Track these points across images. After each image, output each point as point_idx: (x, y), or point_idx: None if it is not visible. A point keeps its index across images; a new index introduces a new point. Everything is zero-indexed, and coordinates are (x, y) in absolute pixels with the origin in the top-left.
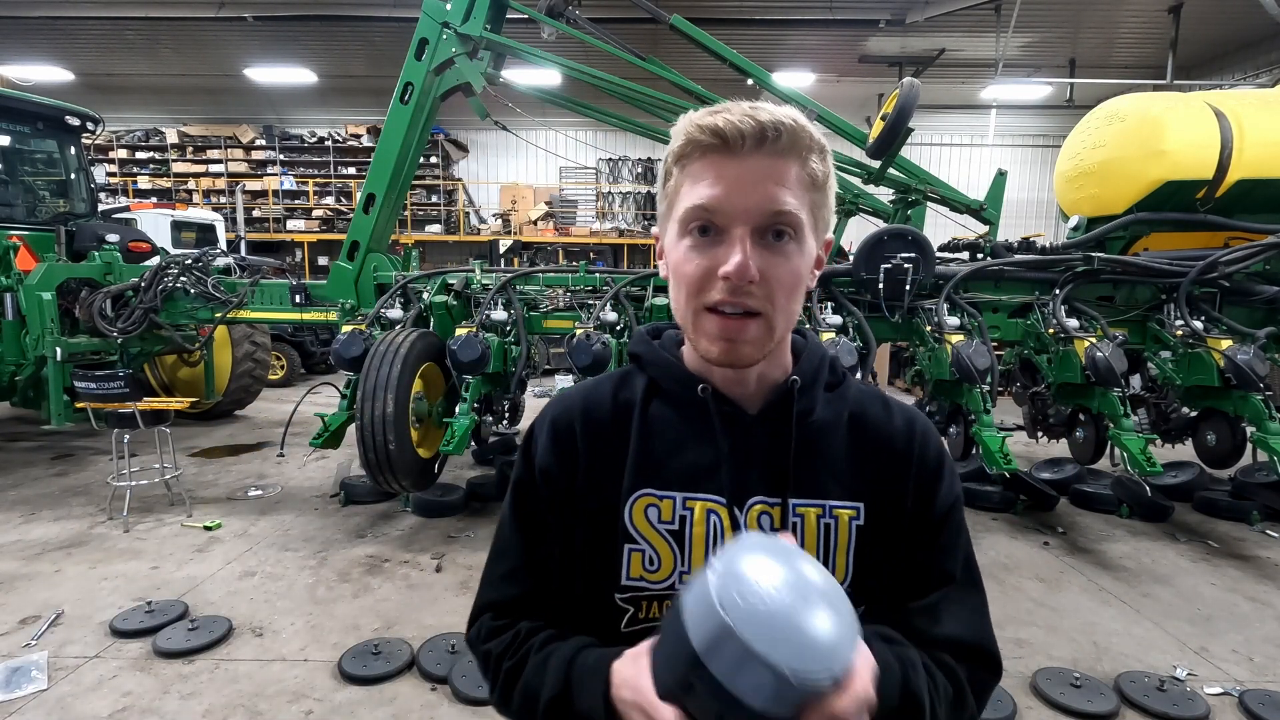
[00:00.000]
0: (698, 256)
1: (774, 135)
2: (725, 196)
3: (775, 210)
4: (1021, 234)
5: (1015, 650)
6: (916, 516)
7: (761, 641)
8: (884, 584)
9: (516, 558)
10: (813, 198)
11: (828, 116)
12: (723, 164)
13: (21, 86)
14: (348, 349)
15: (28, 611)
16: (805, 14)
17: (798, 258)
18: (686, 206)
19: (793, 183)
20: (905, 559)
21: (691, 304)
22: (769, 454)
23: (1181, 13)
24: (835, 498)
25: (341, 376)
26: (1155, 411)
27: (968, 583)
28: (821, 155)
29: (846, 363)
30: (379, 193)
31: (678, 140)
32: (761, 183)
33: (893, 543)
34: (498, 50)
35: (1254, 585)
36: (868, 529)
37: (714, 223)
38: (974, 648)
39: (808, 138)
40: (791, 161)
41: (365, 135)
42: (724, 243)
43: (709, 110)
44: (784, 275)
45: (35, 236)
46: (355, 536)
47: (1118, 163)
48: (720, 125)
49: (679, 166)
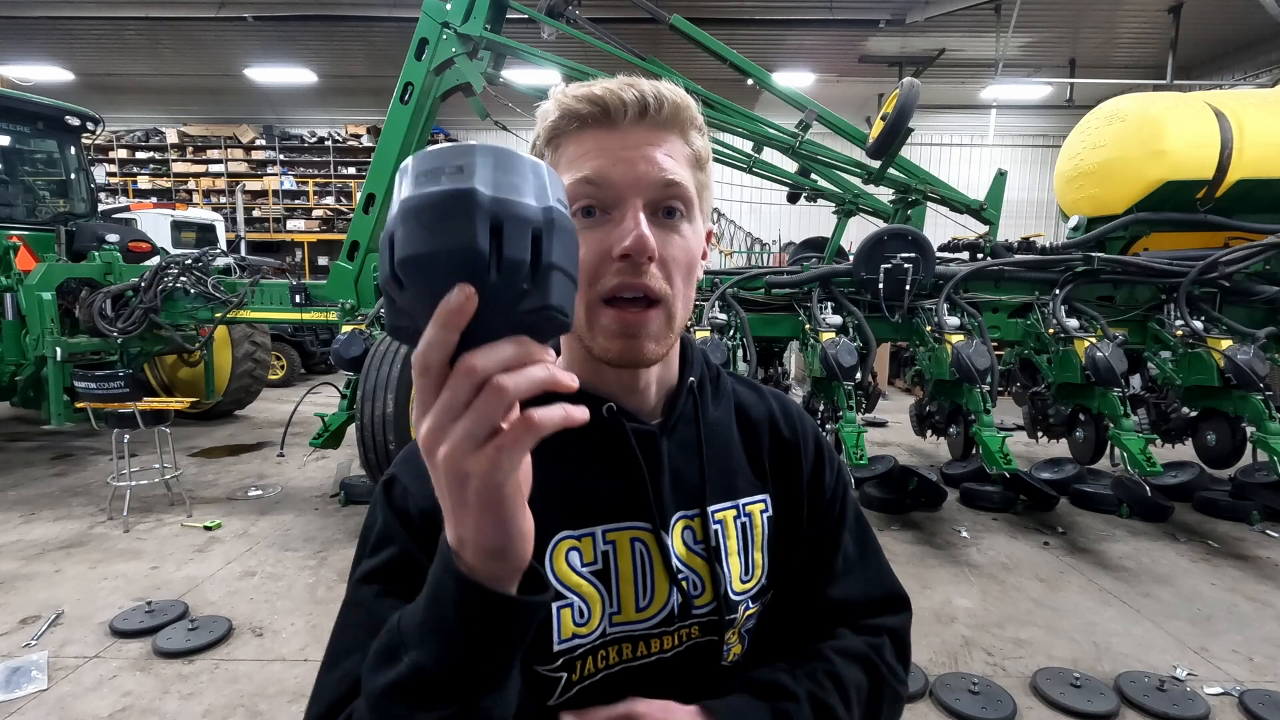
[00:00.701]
0: (585, 242)
1: (656, 106)
2: (611, 167)
3: (667, 180)
4: (1021, 234)
5: (1015, 650)
6: (812, 498)
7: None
8: (792, 569)
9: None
10: (698, 177)
11: (828, 116)
12: (604, 136)
13: (21, 86)
14: (348, 349)
15: (28, 611)
16: (805, 14)
17: (692, 236)
18: (567, 184)
19: (679, 156)
20: (808, 540)
21: (585, 297)
22: (679, 465)
23: (1181, 13)
24: (745, 495)
25: (341, 376)
26: (1155, 411)
27: (861, 539)
28: (701, 133)
29: (847, 362)
30: (379, 193)
31: (549, 117)
32: (647, 152)
33: (796, 527)
34: (498, 50)
35: (1254, 585)
36: (776, 519)
37: (601, 199)
38: (876, 600)
39: (690, 112)
40: (675, 135)
41: (365, 135)
42: (614, 221)
43: (581, 83)
44: (679, 254)
45: (35, 236)
46: (355, 536)
47: (1118, 163)
48: (599, 94)
49: (551, 147)
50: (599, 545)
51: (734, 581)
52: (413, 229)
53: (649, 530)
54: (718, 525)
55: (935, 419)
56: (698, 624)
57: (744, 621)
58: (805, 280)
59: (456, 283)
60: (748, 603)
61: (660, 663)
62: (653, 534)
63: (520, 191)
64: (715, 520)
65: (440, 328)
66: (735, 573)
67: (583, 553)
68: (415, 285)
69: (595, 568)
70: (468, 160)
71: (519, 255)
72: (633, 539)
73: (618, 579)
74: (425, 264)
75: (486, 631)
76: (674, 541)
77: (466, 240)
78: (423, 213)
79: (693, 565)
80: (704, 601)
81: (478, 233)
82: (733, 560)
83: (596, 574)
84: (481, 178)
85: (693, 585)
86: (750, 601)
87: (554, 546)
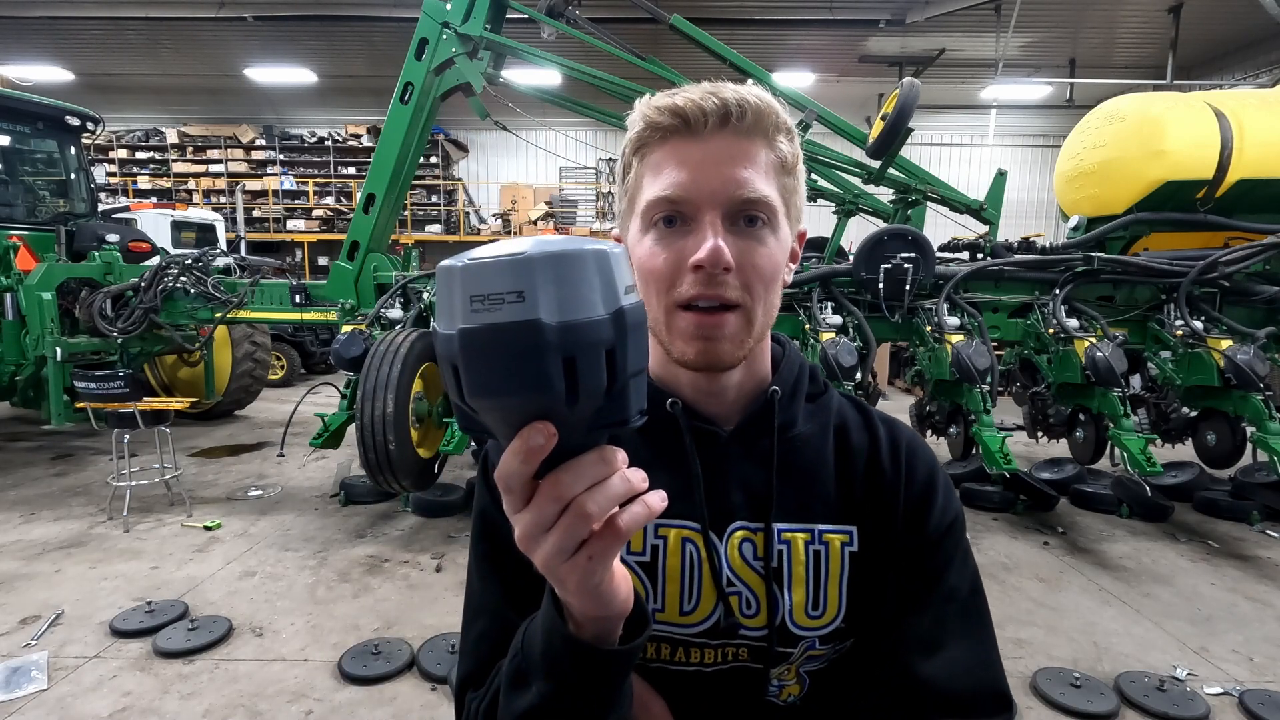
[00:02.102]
0: (664, 250)
1: (739, 114)
2: (690, 182)
3: (744, 196)
4: (1021, 234)
5: (1015, 650)
6: (908, 536)
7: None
8: (878, 617)
9: (488, 614)
10: (783, 182)
11: (828, 116)
12: (685, 148)
13: (21, 86)
14: (348, 349)
15: (28, 611)
16: (805, 14)
17: (774, 244)
18: (649, 199)
19: (761, 165)
20: (896, 588)
21: (662, 302)
22: (748, 474)
23: (1181, 13)
24: (824, 521)
25: (341, 376)
26: (1155, 411)
27: (972, 612)
28: (790, 136)
29: (846, 363)
30: (379, 193)
31: (635, 127)
32: (727, 165)
33: (886, 572)
34: (498, 50)
35: (1254, 585)
36: (862, 555)
37: (680, 211)
38: (975, 696)
39: (775, 116)
40: (759, 142)
41: (365, 135)
42: (692, 232)
43: (667, 92)
44: (760, 262)
45: (35, 236)
46: (355, 536)
47: (1118, 163)
48: (680, 105)
49: (638, 157)
50: (649, 538)
51: (797, 612)
52: (478, 366)
53: (699, 531)
54: (784, 545)
55: (935, 419)
56: (746, 646)
57: (802, 659)
58: (805, 280)
59: (532, 419)
60: (814, 641)
61: (700, 675)
62: (702, 535)
63: (587, 305)
64: (781, 540)
65: (520, 461)
66: (799, 603)
67: (630, 541)
68: (488, 415)
69: (642, 559)
70: (527, 282)
71: (595, 384)
72: (683, 539)
73: (664, 576)
74: (497, 403)
75: (597, 676)
76: (728, 551)
77: (539, 383)
78: (488, 351)
79: (748, 581)
80: (756, 624)
81: (551, 374)
82: (797, 588)
83: (643, 565)
84: (545, 302)
85: (745, 603)
86: (819, 641)
87: None
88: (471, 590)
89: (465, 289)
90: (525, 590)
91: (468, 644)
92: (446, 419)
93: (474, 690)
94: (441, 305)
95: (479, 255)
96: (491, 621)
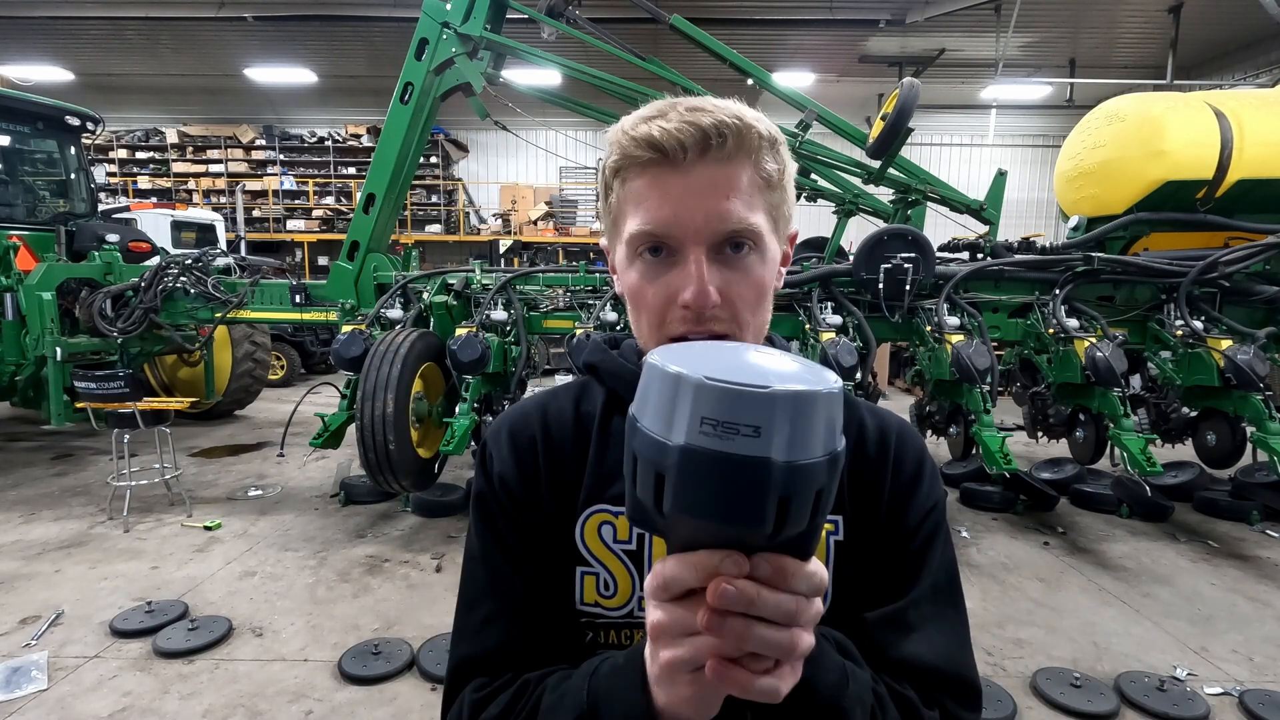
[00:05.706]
0: (652, 284)
1: (719, 141)
2: (673, 217)
3: (729, 229)
4: (1021, 234)
5: (1015, 650)
6: (890, 524)
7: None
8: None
9: (493, 596)
10: (769, 199)
11: (828, 116)
12: (665, 180)
13: (21, 86)
14: (348, 349)
15: (28, 611)
16: (805, 14)
17: (760, 268)
18: (632, 231)
19: (746, 189)
20: (877, 569)
21: (655, 335)
22: None
23: (1181, 13)
24: None
25: (341, 376)
26: (1155, 411)
27: (946, 596)
28: (774, 150)
29: (846, 363)
30: (379, 193)
31: (613, 154)
32: (710, 196)
33: (870, 557)
34: (498, 50)
35: (1254, 585)
36: (847, 545)
37: (665, 244)
38: (949, 677)
39: (756, 136)
40: (742, 165)
41: (365, 135)
42: (678, 264)
43: (643, 115)
44: (746, 291)
45: (35, 236)
46: (355, 536)
47: (1118, 163)
48: (657, 136)
49: (619, 180)
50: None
51: None
52: (694, 487)
53: None
54: None
55: (935, 419)
56: None
57: None
58: (805, 280)
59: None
60: None
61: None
62: None
63: (811, 447)
64: None
65: (699, 579)
66: None
67: (617, 529)
68: (678, 527)
69: (628, 547)
70: (766, 419)
71: (800, 523)
72: None
73: (649, 564)
74: (700, 524)
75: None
76: None
77: (754, 517)
78: (711, 476)
79: None
80: None
81: (767, 512)
82: None
83: (629, 554)
84: (779, 443)
85: None
86: None
87: (588, 516)
88: (473, 574)
89: (698, 408)
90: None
91: (470, 626)
92: (446, 419)
93: (482, 677)
94: (654, 404)
95: (717, 375)
96: (494, 604)
